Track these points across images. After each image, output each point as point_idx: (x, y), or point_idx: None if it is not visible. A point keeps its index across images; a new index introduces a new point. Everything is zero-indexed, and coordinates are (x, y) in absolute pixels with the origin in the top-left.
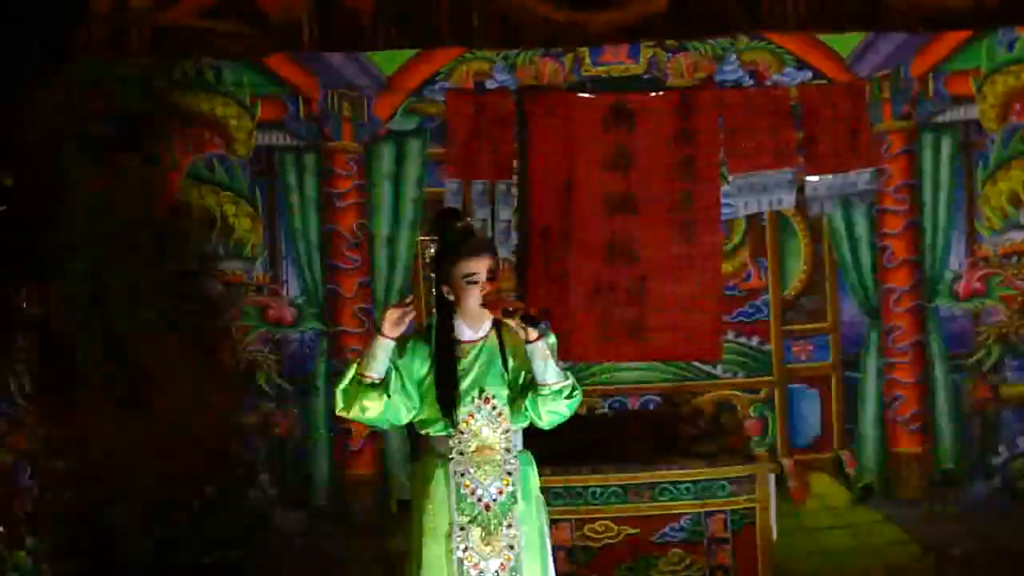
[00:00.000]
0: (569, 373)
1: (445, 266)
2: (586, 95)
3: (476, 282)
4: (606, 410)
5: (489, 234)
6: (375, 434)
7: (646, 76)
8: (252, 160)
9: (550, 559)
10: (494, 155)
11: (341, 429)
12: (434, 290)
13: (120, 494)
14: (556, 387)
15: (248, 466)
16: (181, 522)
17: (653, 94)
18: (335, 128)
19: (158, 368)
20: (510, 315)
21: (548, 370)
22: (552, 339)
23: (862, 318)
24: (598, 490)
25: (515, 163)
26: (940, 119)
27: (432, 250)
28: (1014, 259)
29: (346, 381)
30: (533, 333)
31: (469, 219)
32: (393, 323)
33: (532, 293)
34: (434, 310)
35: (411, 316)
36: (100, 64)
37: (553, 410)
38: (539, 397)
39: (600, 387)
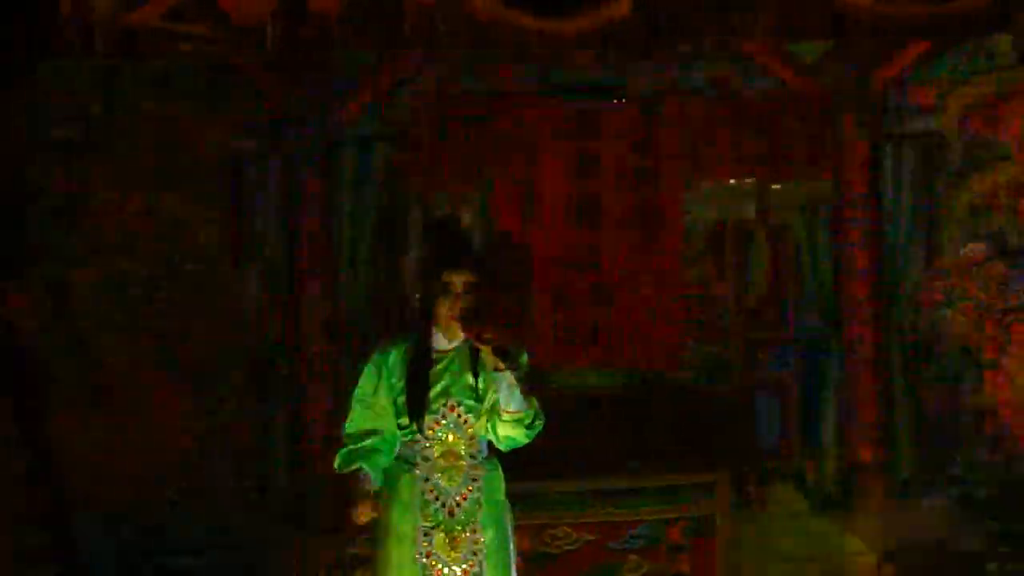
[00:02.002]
0: (535, 400)
1: (425, 272)
2: (551, 102)
3: (449, 293)
4: (566, 416)
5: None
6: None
7: (611, 84)
8: (217, 162)
9: (513, 566)
10: (458, 160)
11: (301, 432)
12: (417, 296)
13: (82, 496)
14: (516, 416)
15: (210, 468)
16: (144, 525)
17: (617, 101)
18: (299, 131)
19: (122, 370)
20: (484, 343)
21: (512, 398)
22: (521, 371)
23: (823, 327)
24: (557, 496)
25: (479, 169)
26: (902, 129)
27: (413, 263)
28: (974, 269)
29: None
30: (501, 364)
31: (466, 229)
32: (365, 520)
33: (494, 299)
34: (418, 317)
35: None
36: (65, 66)
37: (510, 435)
38: (499, 422)
39: (559, 392)
